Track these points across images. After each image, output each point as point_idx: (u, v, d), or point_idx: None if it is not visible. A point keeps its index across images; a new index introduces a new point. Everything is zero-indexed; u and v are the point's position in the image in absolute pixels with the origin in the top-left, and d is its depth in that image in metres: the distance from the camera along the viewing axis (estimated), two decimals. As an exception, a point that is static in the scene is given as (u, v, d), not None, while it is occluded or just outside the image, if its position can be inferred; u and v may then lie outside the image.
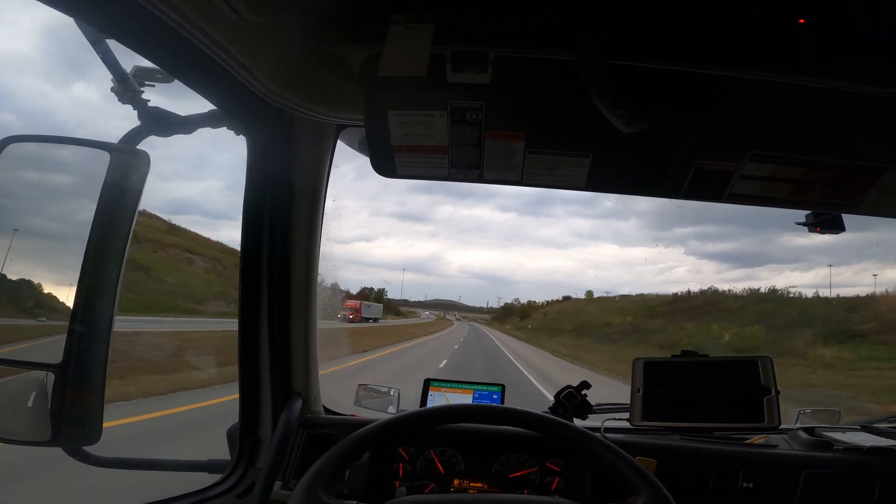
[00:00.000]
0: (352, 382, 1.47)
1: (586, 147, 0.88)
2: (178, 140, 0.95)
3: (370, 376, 7.33)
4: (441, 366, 12.54)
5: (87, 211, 0.86)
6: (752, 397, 1.07)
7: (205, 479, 1.11)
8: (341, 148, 1.13)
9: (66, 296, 0.87)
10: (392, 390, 1.40)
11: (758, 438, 1.12)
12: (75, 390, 0.83)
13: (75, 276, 0.84)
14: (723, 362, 1.13)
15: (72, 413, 0.84)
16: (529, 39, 0.76)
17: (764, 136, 0.84)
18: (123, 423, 4.75)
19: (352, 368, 9.85)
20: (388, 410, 1.40)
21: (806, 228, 0.98)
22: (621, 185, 0.96)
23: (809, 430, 1.13)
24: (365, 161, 1.10)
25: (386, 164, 0.95)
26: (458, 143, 0.90)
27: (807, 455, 1.05)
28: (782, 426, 1.08)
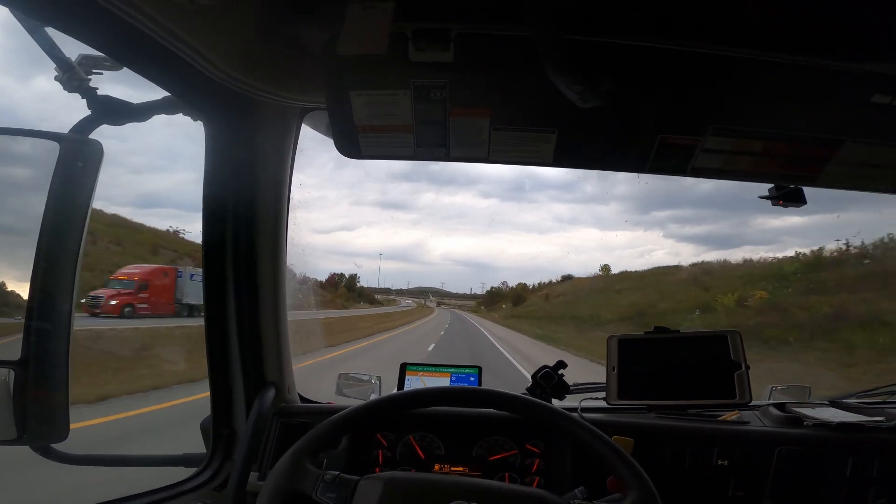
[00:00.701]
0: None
1: (551, 123, 0.88)
2: (151, 131, 0.92)
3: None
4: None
5: (41, 204, 0.84)
6: (724, 373, 1.08)
7: (179, 475, 1.10)
8: (317, 137, 1.11)
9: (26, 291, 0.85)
10: (373, 378, 1.42)
11: (730, 415, 1.13)
12: (37, 387, 0.82)
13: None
14: (694, 338, 1.13)
15: (37, 410, 0.83)
16: (491, 15, 0.75)
17: (724, 110, 0.84)
18: None
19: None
20: (370, 398, 1.41)
21: (771, 203, 0.98)
22: (588, 161, 0.95)
23: (780, 406, 1.14)
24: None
25: (350, 145, 0.94)
26: (424, 122, 0.89)
27: (778, 431, 1.06)
28: (754, 402, 1.10)
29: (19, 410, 0.82)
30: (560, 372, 1.19)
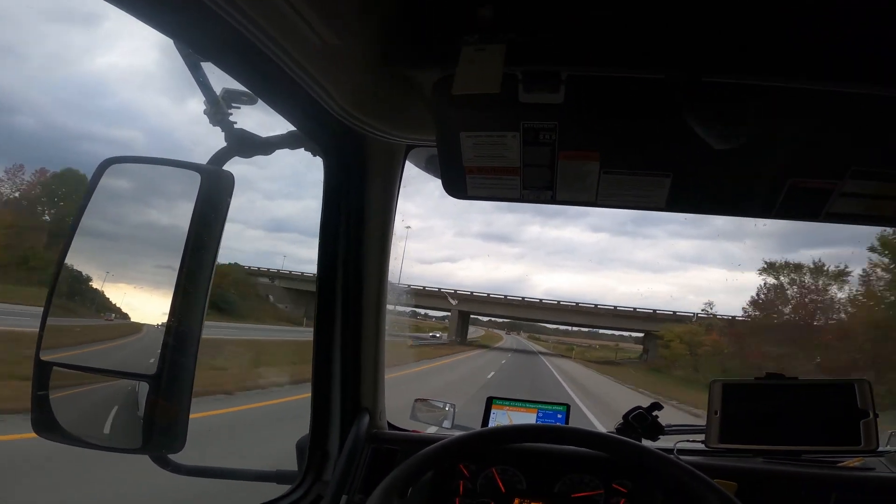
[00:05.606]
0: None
1: (666, 166, 0.86)
2: (280, 158, 0.99)
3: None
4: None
5: (170, 227, 0.91)
6: (848, 420, 1.02)
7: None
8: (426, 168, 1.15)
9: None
10: (447, 406, 1.43)
11: (853, 461, 1.06)
12: (166, 400, 0.88)
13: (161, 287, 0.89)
14: (814, 385, 1.08)
15: (162, 422, 0.88)
16: (603, 57, 0.75)
17: (867, 151, 0.80)
18: None
19: None
20: (444, 425, 1.43)
21: None
22: (706, 205, 0.93)
23: None
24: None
25: (457, 186, 0.96)
26: (531, 164, 0.90)
27: None
28: (880, 449, 1.02)
29: (147, 421, 0.88)
30: (654, 413, 1.15)
